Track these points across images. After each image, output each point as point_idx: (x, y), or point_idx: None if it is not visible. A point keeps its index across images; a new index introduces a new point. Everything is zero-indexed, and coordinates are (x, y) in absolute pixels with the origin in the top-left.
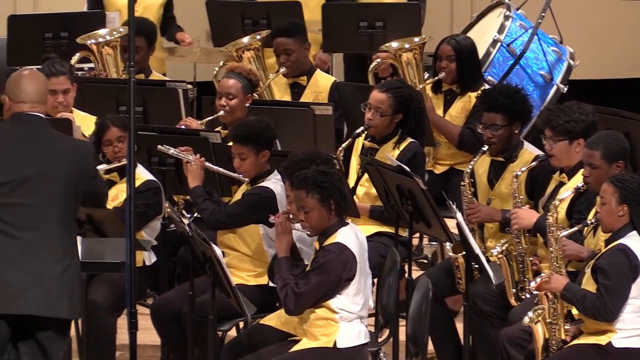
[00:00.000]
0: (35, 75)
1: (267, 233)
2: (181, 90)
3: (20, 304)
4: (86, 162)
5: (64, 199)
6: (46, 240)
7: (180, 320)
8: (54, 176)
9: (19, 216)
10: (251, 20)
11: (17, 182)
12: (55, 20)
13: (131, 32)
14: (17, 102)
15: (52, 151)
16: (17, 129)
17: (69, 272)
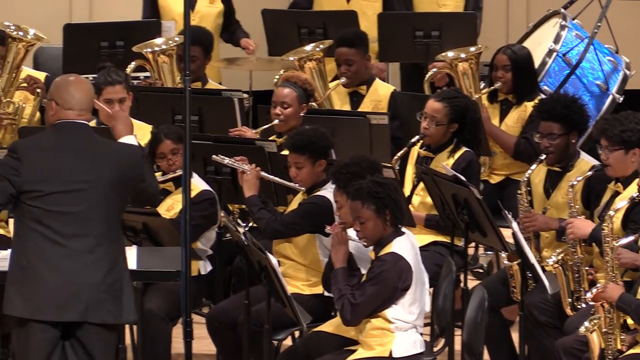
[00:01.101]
0: (82, 82)
1: (322, 242)
2: (237, 99)
3: (64, 310)
4: (132, 168)
5: (109, 205)
6: (92, 247)
7: (235, 329)
8: (99, 183)
9: (64, 223)
10: (307, 29)
11: (63, 190)
12: (111, 29)
13: (187, 41)
14: (65, 109)
15: (97, 158)
16: (63, 136)
17: (114, 277)
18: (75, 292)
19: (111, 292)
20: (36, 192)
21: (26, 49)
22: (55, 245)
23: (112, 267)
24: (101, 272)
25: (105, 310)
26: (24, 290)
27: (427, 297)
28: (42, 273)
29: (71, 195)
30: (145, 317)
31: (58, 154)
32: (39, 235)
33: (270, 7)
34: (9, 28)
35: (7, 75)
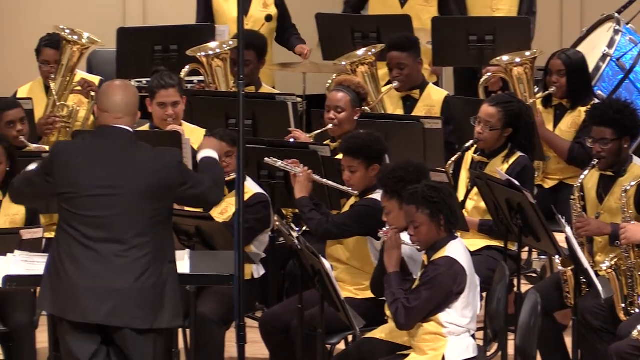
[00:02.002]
0: (123, 87)
1: (374, 246)
2: (291, 103)
3: (88, 312)
4: (169, 172)
5: (143, 211)
6: (121, 251)
7: (289, 334)
8: (131, 189)
9: (93, 227)
10: (361, 33)
11: (92, 194)
12: (165, 33)
13: (240, 45)
14: (102, 111)
15: (132, 163)
16: (99, 140)
17: (149, 283)
18: (101, 296)
19: (143, 297)
20: (66, 194)
21: (81, 52)
22: (85, 248)
23: (145, 272)
24: (131, 277)
25: (132, 315)
26: (55, 289)
27: (479, 301)
28: (71, 274)
29: (100, 200)
30: (198, 322)
31: (91, 157)
32: (70, 238)
33: (324, 11)
34: (64, 31)
35: (62, 78)
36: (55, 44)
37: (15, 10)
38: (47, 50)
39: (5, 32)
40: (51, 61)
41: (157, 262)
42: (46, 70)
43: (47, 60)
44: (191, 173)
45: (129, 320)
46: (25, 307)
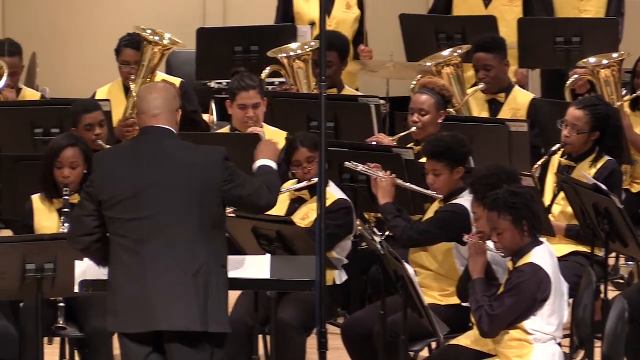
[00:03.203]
0: (159, 85)
1: (459, 252)
2: (374, 105)
3: (138, 321)
4: (212, 172)
5: (192, 210)
6: (171, 253)
7: (371, 340)
8: (175, 189)
9: (134, 230)
10: (445, 34)
11: (131, 196)
12: (245, 33)
13: (322, 46)
14: (140, 114)
15: (174, 162)
16: (139, 142)
17: (201, 284)
18: (146, 301)
19: (195, 300)
20: (108, 201)
21: (162, 53)
22: (131, 254)
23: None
24: (182, 280)
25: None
26: (109, 305)
27: (566, 308)
28: (122, 285)
29: (140, 201)
30: (279, 328)
31: (130, 160)
32: (116, 246)
33: (408, 12)
34: (145, 32)
35: (142, 80)
36: (135, 45)
37: (94, 11)
38: (127, 51)
39: (84, 33)
40: (131, 62)
41: (209, 264)
42: (126, 71)
43: (127, 61)
44: (238, 172)
45: (184, 323)
46: (101, 312)
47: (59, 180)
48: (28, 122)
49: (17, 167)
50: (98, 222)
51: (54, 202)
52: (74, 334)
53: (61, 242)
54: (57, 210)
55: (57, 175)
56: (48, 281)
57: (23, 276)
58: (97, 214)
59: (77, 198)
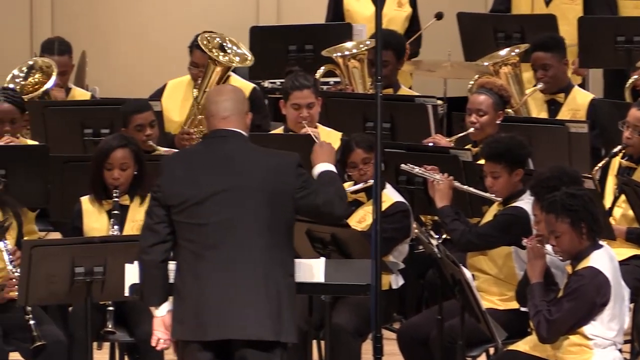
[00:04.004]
0: (227, 88)
1: (519, 255)
2: (430, 105)
3: (215, 328)
4: (285, 178)
5: (262, 215)
6: (241, 260)
7: (427, 346)
8: (246, 194)
9: (204, 235)
10: (504, 33)
11: (200, 200)
12: (299, 32)
13: (378, 44)
14: (208, 117)
15: (244, 167)
16: (209, 146)
17: (273, 292)
18: (216, 308)
19: (264, 308)
20: (177, 205)
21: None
22: (200, 259)
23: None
24: (251, 287)
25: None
26: (177, 312)
27: (627, 313)
28: (191, 291)
29: (209, 205)
30: (333, 333)
31: (199, 164)
32: (185, 251)
33: (466, 10)
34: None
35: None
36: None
37: (145, 9)
38: (197, 52)
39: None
40: (200, 64)
41: (277, 272)
42: (194, 73)
43: (196, 62)
44: (312, 179)
45: (255, 332)
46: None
47: (108, 182)
48: (77, 122)
49: (66, 168)
50: (170, 229)
51: (104, 204)
52: (124, 338)
53: (111, 245)
54: (106, 212)
55: (106, 177)
56: (97, 285)
57: (72, 280)
58: (168, 219)
59: (127, 200)
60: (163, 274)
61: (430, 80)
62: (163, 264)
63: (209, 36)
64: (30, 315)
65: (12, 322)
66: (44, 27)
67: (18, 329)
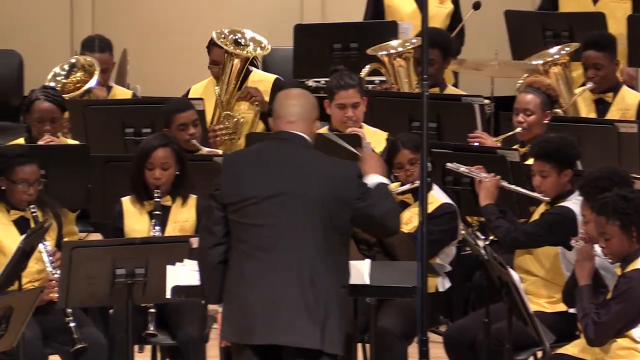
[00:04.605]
0: (300, 92)
1: (565, 256)
2: (477, 105)
3: (257, 332)
4: (345, 187)
5: (317, 222)
6: (286, 263)
7: (474, 349)
8: (305, 200)
9: (259, 237)
10: (552, 32)
11: (258, 201)
12: (344, 30)
13: (424, 43)
14: (276, 117)
15: (305, 171)
16: (272, 147)
17: (322, 300)
18: (269, 313)
19: (313, 315)
20: (234, 204)
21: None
22: (251, 260)
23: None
24: (297, 291)
25: (303, 334)
26: (226, 312)
27: None
28: (240, 293)
29: (267, 207)
30: (378, 336)
31: (259, 164)
32: (239, 252)
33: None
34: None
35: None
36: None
37: (188, 5)
38: (216, 50)
39: (177, 28)
40: (220, 62)
41: (326, 281)
42: (215, 71)
43: (216, 60)
44: (371, 191)
45: (299, 339)
46: (195, 319)
47: (150, 182)
48: (118, 121)
49: (106, 168)
50: (225, 230)
51: (145, 205)
52: (166, 341)
53: (152, 246)
54: (147, 213)
55: (148, 177)
56: (138, 287)
57: (113, 281)
58: (224, 221)
59: (169, 200)
60: (222, 273)
61: (477, 79)
62: (220, 264)
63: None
64: (70, 317)
65: (52, 324)
66: (85, 24)
67: (58, 332)
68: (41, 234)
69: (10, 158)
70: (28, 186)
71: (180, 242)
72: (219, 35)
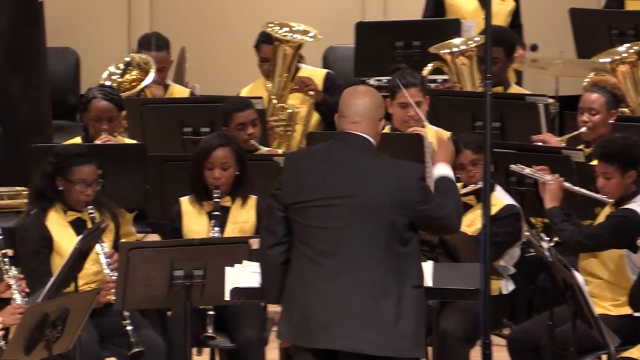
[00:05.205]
0: (365, 91)
1: (630, 259)
2: (542, 104)
3: (316, 336)
4: (406, 191)
5: (381, 225)
6: (348, 268)
7: (538, 352)
8: (367, 203)
9: (320, 240)
10: (618, 30)
11: (320, 204)
12: (407, 28)
13: (488, 41)
14: (340, 116)
15: (368, 173)
16: (334, 148)
17: (389, 304)
18: (332, 318)
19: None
20: (294, 204)
21: (294, 49)
22: (313, 265)
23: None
24: (366, 297)
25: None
26: (285, 314)
27: None
28: (301, 296)
29: (328, 210)
30: (441, 338)
31: (322, 165)
32: (300, 254)
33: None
34: (272, 29)
35: (278, 78)
36: (272, 40)
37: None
38: (265, 47)
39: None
40: (270, 58)
41: (397, 283)
42: (266, 69)
43: (265, 57)
44: (432, 193)
45: (364, 345)
46: (254, 322)
47: (209, 182)
48: (177, 120)
49: (164, 167)
50: (287, 230)
51: (204, 205)
52: (224, 344)
53: (211, 247)
54: (206, 214)
55: (207, 177)
56: (197, 288)
57: (170, 283)
58: (285, 221)
59: (229, 201)
60: (283, 274)
61: (541, 78)
62: (282, 265)
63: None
64: (127, 320)
65: (108, 326)
66: (142, 22)
67: (115, 334)
68: (98, 235)
69: (68, 158)
70: (86, 186)
71: (239, 243)
72: (267, 25)
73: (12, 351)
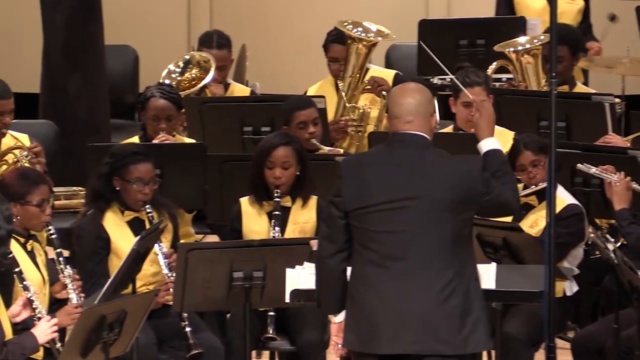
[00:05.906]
0: (414, 87)
1: None
2: (608, 104)
3: (391, 341)
4: (473, 182)
5: (446, 223)
6: (416, 270)
7: (603, 355)
8: (428, 202)
9: (386, 244)
10: None
11: (384, 208)
12: (471, 26)
13: (553, 39)
14: (392, 118)
15: (430, 172)
16: (392, 150)
17: (456, 302)
18: (400, 321)
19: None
20: (357, 210)
21: (368, 48)
22: (379, 269)
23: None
24: (434, 297)
25: (439, 340)
26: (350, 320)
27: None
28: (366, 300)
29: (393, 213)
30: (504, 342)
31: (381, 168)
32: (363, 259)
33: None
34: (347, 27)
35: (350, 78)
36: (343, 39)
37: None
38: (335, 47)
39: (298, 24)
40: (340, 58)
41: (462, 279)
42: (335, 68)
43: (335, 57)
44: (491, 180)
45: (435, 346)
46: (315, 324)
47: (269, 182)
48: (237, 119)
49: (224, 167)
50: (347, 237)
51: (264, 205)
52: (285, 346)
53: (271, 248)
54: (267, 214)
55: (267, 176)
56: (256, 290)
57: (230, 285)
58: (345, 227)
59: (289, 201)
60: (342, 283)
61: (608, 77)
62: (343, 274)
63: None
64: (186, 321)
65: (167, 328)
66: (203, 20)
67: (173, 336)
68: (156, 236)
69: (124, 157)
70: (143, 185)
71: (300, 244)
72: (341, 23)
73: (68, 353)
